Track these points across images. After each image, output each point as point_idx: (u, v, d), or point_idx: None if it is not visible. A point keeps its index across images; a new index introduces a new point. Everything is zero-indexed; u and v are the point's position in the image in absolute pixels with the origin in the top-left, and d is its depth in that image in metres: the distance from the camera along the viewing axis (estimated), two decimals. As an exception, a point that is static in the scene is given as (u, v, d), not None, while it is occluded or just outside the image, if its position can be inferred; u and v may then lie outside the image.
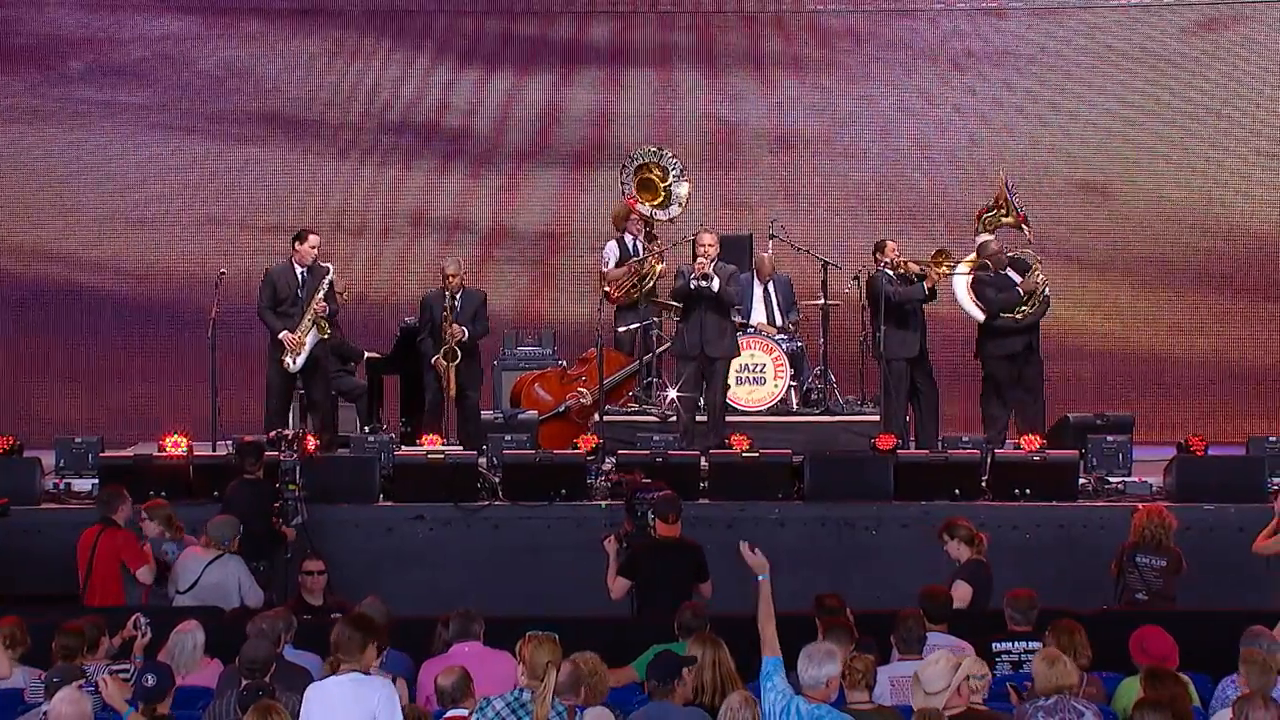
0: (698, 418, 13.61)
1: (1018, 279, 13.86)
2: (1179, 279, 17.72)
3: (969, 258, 14.22)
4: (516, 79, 18.00)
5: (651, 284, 14.77)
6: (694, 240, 13.74)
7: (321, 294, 13.30)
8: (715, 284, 13.30)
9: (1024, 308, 13.82)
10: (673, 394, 13.87)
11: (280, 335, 13.27)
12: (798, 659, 7.34)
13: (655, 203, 14.67)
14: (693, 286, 13.37)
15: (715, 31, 18.04)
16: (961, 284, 14.24)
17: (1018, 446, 13.38)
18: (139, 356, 17.76)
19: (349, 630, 7.61)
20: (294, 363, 13.26)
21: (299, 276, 13.40)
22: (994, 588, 10.08)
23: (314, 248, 13.41)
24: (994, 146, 17.80)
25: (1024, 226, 14.40)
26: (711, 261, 13.36)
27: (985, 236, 14.26)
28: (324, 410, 13.63)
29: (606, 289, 14.82)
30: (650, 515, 10.32)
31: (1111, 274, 17.16)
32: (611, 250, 15.04)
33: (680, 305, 13.64)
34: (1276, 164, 17.66)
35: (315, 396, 13.58)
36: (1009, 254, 14.04)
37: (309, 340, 13.28)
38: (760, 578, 7.76)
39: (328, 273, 13.41)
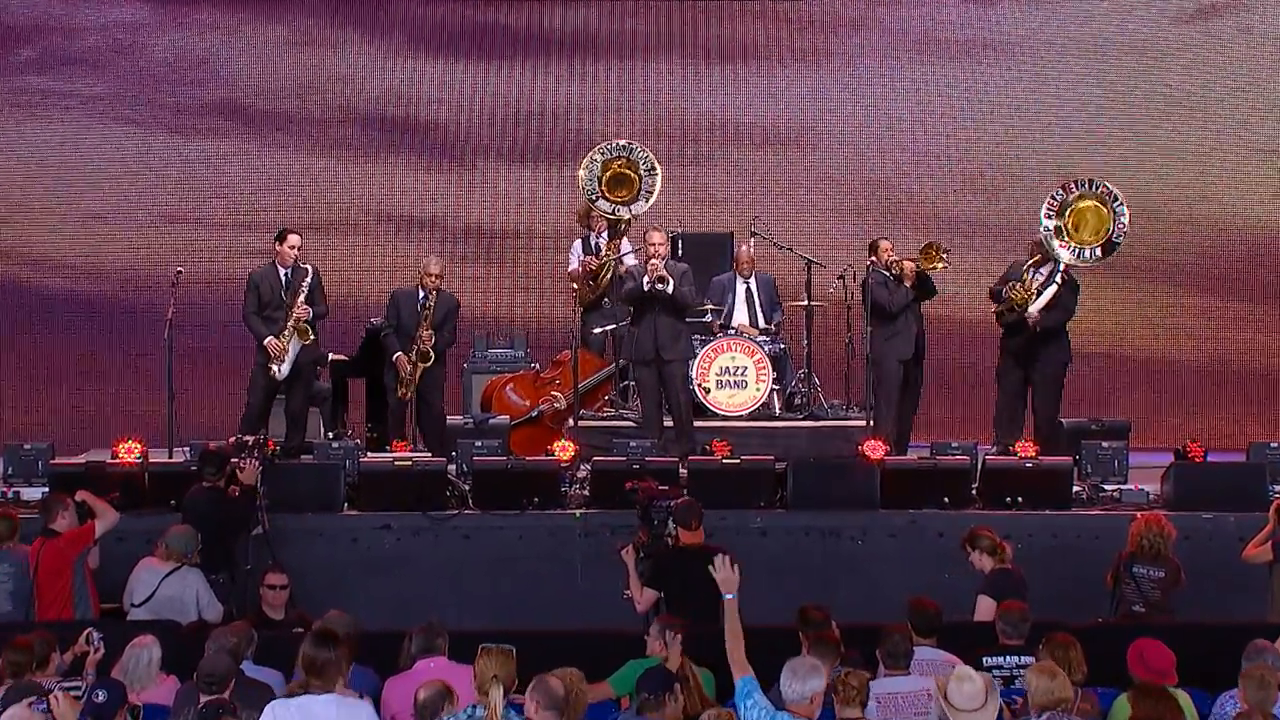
0: (665, 423, 13.61)
1: (1029, 279, 13.80)
2: (1176, 278, 17.77)
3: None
4: (485, 70, 17.98)
5: (605, 282, 14.73)
6: (643, 239, 13.73)
7: (302, 297, 13.24)
8: (670, 286, 13.31)
9: (1002, 305, 13.84)
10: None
11: (265, 342, 13.22)
12: (781, 673, 7.32)
13: (626, 198, 14.65)
14: (646, 289, 13.37)
15: (690, 21, 18.04)
16: None
17: (1007, 452, 13.42)
18: (91, 359, 17.69)
19: (323, 652, 7.55)
20: (279, 370, 13.22)
21: (282, 278, 13.33)
22: (1029, 593, 10.07)
23: (294, 248, 13.33)
24: (982, 139, 17.83)
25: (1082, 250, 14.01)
26: (662, 260, 13.37)
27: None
28: (299, 419, 13.59)
29: (575, 287, 14.81)
30: (671, 523, 10.35)
31: (1106, 273, 17.15)
32: (575, 249, 15.04)
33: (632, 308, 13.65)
34: (1274, 159, 17.71)
35: (293, 405, 13.54)
36: (1052, 256, 13.81)
37: (291, 347, 13.23)
38: (727, 596, 7.75)
39: (307, 274, 13.33)
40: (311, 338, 13.33)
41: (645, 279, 13.36)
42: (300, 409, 13.58)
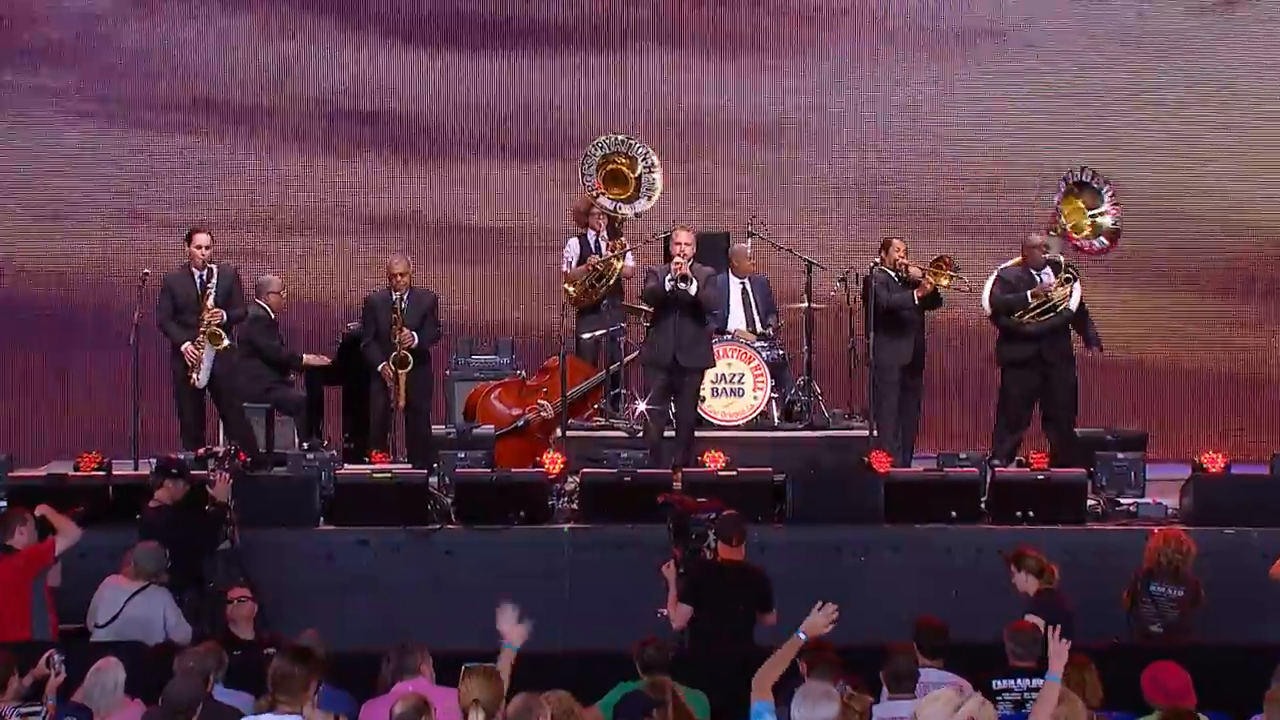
0: (666, 433, 13.61)
1: (1049, 281, 13.87)
2: (1195, 281, 17.77)
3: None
4: (470, 62, 17.98)
5: (610, 284, 14.75)
6: (668, 238, 13.71)
7: (209, 300, 13.24)
8: (694, 287, 13.28)
9: (1030, 313, 13.87)
10: (643, 407, 13.86)
11: (182, 347, 13.25)
12: (792, 700, 7.33)
13: (624, 196, 14.67)
14: (668, 288, 13.35)
15: (686, 10, 18.04)
16: (991, 278, 14.22)
17: (1021, 464, 13.43)
18: (53, 365, 17.67)
19: (288, 666, 7.61)
20: (198, 378, 13.24)
21: (196, 281, 13.36)
22: (1074, 619, 10.08)
23: (202, 247, 13.36)
24: (992, 135, 17.82)
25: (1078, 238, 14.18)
26: (688, 262, 13.34)
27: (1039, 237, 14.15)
28: (239, 432, 13.57)
29: (568, 289, 14.82)
30: (711, 536, 10.33)
31: (1122, 276, 17.20)
32: (572, 248, 15.05)
33: (650, 309, 13.62)
34: (1302, 156, 17.73)
35: (232, 427, 13.55)
36: (1049, 256, 13.97)
37: (206, 355, 13.24)
38: (800, 634, 8.05)
39: (213, 275, 13.34)
40: (225, 343, 13.32)
41: (668, 277, 13.33)
42: (239, 423, 13.58)
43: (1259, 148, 17.73)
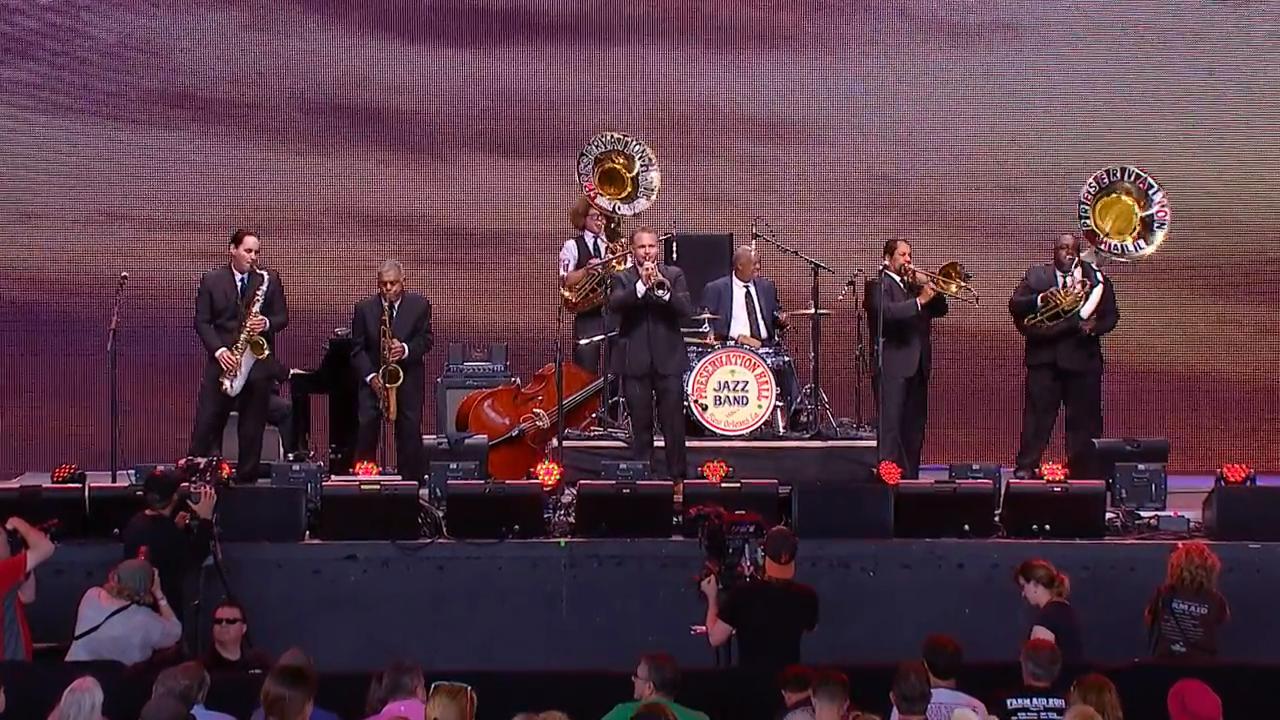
0: (656, 442, 13.63)
1: (1070, 284, 13.91)
2: (1217, 285, 17.78)
3: None
4: (463, 56, 17.99)
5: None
6: (630, 240, 13.75)
7: (257, 307, 13.26)
8: (667, 294, 13.34)
9: (1042, 317, 13.93)
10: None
11: (218, 354, 13.25)
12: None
13: (620, 196, 14.70)
14: (641, 294, 13.39)
15: (687, 4, 18.05)
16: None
17: (1033, 475, 13.44)
18: (26, 373, 17.66)
19: (281, 688, 7.62)
20: (232, 386, 13.25)
21: (238, 284, 13.37)
22: (1081, 634, 10.11)
23: (250, 250, 13.35)
24: (1004, 132, 17.83)
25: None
26: (655, 264, 13.40)
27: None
28: (253, 444, 13.59)
29: (566, 295, 14.83)
30: (759, 552, 10.34)
31: (1140, 279, 17.17)
32: (569, 251, 15.07)
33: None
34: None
35: (247, 428, 13.55)
36: (1083, 257, 13.99)
37: (245, 362, 13.25)
38: None
39: (262, 281, 13.35)
40: (266, 353, 13.32)
41: (640, 285, 13.37)
42: (255, 432, 13.60)
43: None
